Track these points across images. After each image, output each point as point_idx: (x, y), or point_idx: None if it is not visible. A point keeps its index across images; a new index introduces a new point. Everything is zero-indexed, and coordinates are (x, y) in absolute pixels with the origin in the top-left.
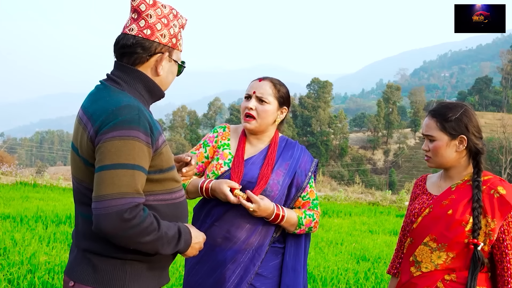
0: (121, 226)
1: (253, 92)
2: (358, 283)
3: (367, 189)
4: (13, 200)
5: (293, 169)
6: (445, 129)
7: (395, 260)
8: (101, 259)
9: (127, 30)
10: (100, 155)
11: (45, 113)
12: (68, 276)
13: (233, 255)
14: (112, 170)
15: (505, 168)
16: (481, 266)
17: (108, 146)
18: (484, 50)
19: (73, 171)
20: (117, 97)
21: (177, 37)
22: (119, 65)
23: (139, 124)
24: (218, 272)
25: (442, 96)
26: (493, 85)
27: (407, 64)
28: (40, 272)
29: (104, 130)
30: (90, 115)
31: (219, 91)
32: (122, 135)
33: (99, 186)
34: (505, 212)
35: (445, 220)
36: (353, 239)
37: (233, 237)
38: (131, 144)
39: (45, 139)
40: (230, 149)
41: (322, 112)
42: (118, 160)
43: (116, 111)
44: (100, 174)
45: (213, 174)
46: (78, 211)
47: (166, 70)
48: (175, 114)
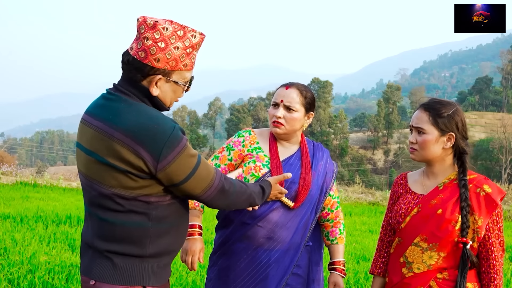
0: (225, 196)
1: (280, 100)
2: (358, 283)
3: (367, 189)
4: (13, 200)
5: (324, 169)
6: (437, 124)
7: (378, 260)
8: (120, 258)
9: (129, 48)
10: (174, 175)
11: (45, 113)
12: (87, 276)
13: (278, 256)
14: (193, 176)
15: (505, 168)
16: (470, 264)
17: (177, 165)
18: (484, 50)
19: (97, 177)
20: (143, 111)
21: (177, 60)
22: (125, 77)
23: (179, 132)
24: (261, 273)
25: (443, 96)
26: (493, 85)
27: (407, 64)
28: (40, 272)
29: (163, 155)
30: (125, 131)
31: (219, 91)
32: (180, 149)
33: (193, 189)
34: (491, 210)
35: (435, 219)
36: (353, 239)
37: (278, 237)
38: (187, 149)
39: (45, 139)
40: (263, 151)
41: (322, 112)
42: (190, 167)
43: (158, 129)
44: (185, 185)
45: (252, 176)
46: (97, 214)
47: (163, 90)
48: (175, 114)
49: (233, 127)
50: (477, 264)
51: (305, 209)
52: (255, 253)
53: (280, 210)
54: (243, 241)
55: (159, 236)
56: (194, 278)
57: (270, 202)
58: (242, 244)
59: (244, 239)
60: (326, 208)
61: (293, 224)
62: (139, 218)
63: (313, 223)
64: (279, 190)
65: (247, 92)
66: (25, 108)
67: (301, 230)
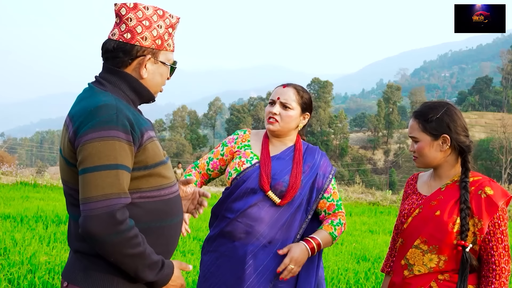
0: (110, 228)
1: (277, 98)
2: (359, 283)
3: (367, 189)
4: (13, 200)
5: (314, 171)
6: (426, 130)
7: (388, 259)
8: (91, 260)
9: (110, 35)
10: (82, 158)
11: (46, 113)
12: (62, 277)
13: (254, 250)
14: (95, 173)
15: (505, 168)
16: (470, 268)
17: (88, 148)
18: (484, 50)
19: (60, 172)
20: (97, 97)
21: (162, 38)
22: (105, 67)
23: (117, 123)
24: (239, 269)
25: (443, 96)
26: (493, 85)
27: (408, 64)
28: (40, 272)
29: (83, 132)
30: (72, 116)
31: (219, 91)
32: (101, 136)
33: (84, 189)
34: (491, 213)
35: (433, 221)
36: (353, 239)
37: (256, 232)
38: (111, 144)
39: (46, 139)
40: (251, 149)
41: (322, 112)
42: (99, 161)
43: (93, 111)
44: (84, 177)
45: (235, 171)
46: (69, 212)
47: (151, 72)
48: (175, 114)
49: (233, 127)
50: (478, 267)
51: (292, 207)
52: (235, 248)
53: (259, 206)
54: (224, 236)
55: None
56: (194, 278)
57: (250, 196)
58: (223, 239)
59: (225, 234)
60: (322, 211)
61: (275, 221)
62: None
63: (304, 224)
64: (182, 281)
65: (247, 92)
66: (25, 108)
67: (286, 228)
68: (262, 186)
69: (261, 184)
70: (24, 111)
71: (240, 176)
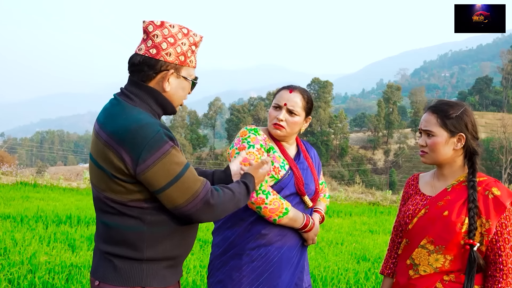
0: (212, 211)
1: (284, 103)
2: (359, 283)
3: (367, 189)
4: (13, 200)
5: (317, 166)
6: (446, 126)
7: (388, 260)
8: (120, 260)
9: (137, 50)
10: (154, 180)
11: (46, 113)
12: (93, 277)
13: (288, 254)
14: (176, 184)
15: (505, 168)
16: (477, 267)
17: (156, 170)
18: (485, 50)
19: (94, 180)
20: (132, 114)
21: (185, 55)
22: (131, 80)
23: (164, 136)
24: (272, 271)
25: (443, 96)
26: (494, 85)
27: (408, 64)
28: (40, 272)
29: (142, 158)
30: (111, 133)
31: (219, 91)
32: (159, 156)
33: (176, 199)
34: (499, 213)
35: (441, 221)
36: (353, 239)
37: (288, 235)
38: (169, 156)
39: (46, 139)
40: (277, 152)
41: (322, 112)
42: (173, 174)
43: (138, 132)
44: (167, 192)
45: (272, 178)
46: (99, 217)
47: (174, 86)
48: (175, 114)
49: (233, 127)
50: (485, 267)
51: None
52: (267, 251)
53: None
54: (257, 240)
55: (157, 240)
56: (194, 278)
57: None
58: (254, 243)
59: (259, 238)
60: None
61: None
62: (133, 222)
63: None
64: (263, 171)
65: (247, 92)
66: (25, 108)
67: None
68: (300, 191)
69: (299, 190)
70: (24, 111)
71: (278, 183)
